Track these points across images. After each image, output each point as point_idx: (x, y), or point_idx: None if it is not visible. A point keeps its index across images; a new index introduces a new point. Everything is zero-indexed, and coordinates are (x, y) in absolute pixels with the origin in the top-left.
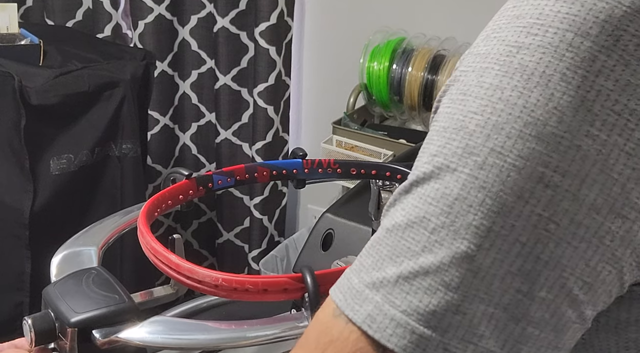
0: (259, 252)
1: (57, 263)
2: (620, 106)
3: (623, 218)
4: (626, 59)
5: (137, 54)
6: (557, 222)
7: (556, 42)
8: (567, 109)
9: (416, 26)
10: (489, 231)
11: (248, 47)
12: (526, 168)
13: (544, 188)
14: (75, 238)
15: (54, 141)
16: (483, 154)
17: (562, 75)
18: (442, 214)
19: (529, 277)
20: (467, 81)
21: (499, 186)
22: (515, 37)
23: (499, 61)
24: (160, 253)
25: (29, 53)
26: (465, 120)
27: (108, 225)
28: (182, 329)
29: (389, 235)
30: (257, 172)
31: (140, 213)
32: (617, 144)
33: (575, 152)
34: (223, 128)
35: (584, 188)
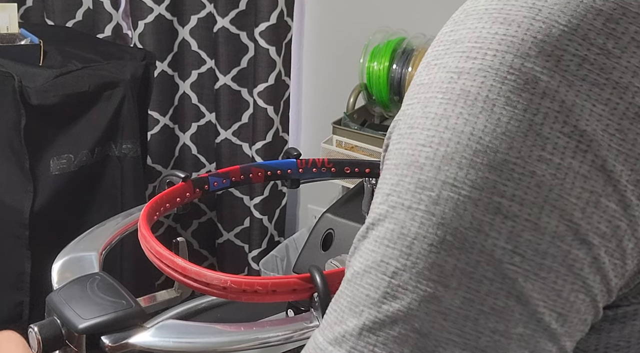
0: (259, 252)
1: (58, 270)
2: (570, 128)
3: (588, 244)
4: (569, 79)
5: (137, 54)
6: (522, 254)
7: (496, 65)
8: (516, 134)
9: (416, 26)
10: (455, 269)
11: (248, 47)
12: (482, 199)
13: (503, 219)
14: (74, 243)
15: (54, 141)
16: (436, 187)
17: (507, 99)
18: (402, 256)
19: (503, 316)
20: (413, 113)
21: (457, 221)
22: (455, 63)
23: (441, 89)
24: (166, 257)
25: (29, 53)
26: (415, 153)
27: (107, 230)
28: (193, 332)
29: (348, 285)
30: (251, 173)
31: (141, 218)
32: (571, 167)
33: (529, 178)
34: (223, 128)
35: (544, 216)
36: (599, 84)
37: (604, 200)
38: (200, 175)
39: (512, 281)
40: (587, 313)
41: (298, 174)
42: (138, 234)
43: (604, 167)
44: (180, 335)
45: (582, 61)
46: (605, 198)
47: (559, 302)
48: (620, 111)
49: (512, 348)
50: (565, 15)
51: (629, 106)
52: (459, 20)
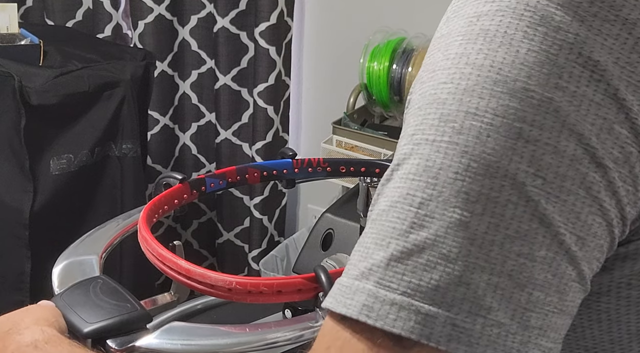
0: (259, 252)
1: (59, 274)
2: (584, 58)
3: (604, 168)
4: (582, 15)
5: (137, 54)
6: (543, 177)
7: (514, 4)
8: (534, 64)
9: (416, 26)
10: (480, 195)
11: (248, 47)
12: (504, 125)
13: (525, 143)
14: (74, 247)
15: (54, 141)
16: (459, 118)
17: (524, 33)
18: (428, 187)
19: (527, 238)
20: (434, 61)
21: (480, 148)
22: (474, 9)
23: (460, 33)
24: (169, 259)
25: (29, 53)
26: (437, 92)
27: (106, 232)
28: (200, 334)
29: (372, 224)
30: (247, 173)
31: (141, 220)
32: (586, 94)
33: (548, 104)
34: (223, 128)
35: (562, 140)
36: (610, 20)
37: (617, 127)
38: (197, 177)
39: (535, 203)
40: (603, 239)
41: (294, 173)
42: (138, 236)
43: (616, 96)
44: (188, 337)
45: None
46: (618, 125)
47: (578, 224)
48: (630, 45)
49: (536, 271)
50: None
51: (637, 41)
52: None
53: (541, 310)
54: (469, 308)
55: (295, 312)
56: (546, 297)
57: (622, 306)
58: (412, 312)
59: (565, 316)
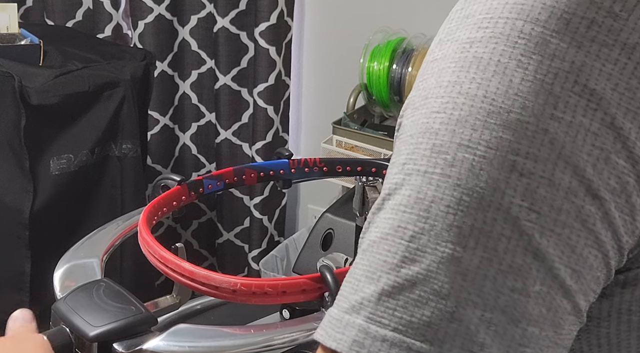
0: (259, 252)
1: (60, 278)
2: (580, 87)
3: (600, 199)
4: (578, 40)
5: (137, 54)
6: (538, 210)
7: (507, 31)
8: (528, 94)
9: (416, 26)
10: (472, 229)
11: (248, 47)
12: (497, 158)
13: (519, 176)
14: (75, 250)
15: (54, 141)
16: (452, 150)
17: (518, 62)
18: (420, 220)
19: (521, 273)
20: (427, 86)
21: (473, 181)
22: (467, 34)
23: (454, 59)
24: (172, 261)
25: (29, 53)
26: (429, 121)
27: (106, 235)
28: (206, 336)
29: (363, 255)
30: (245, 174)
31: (141, 222)
32: (582, 124)
33: (543, 136)
34: (223, 128)
35: (557, 173)
36: (608, 45)
37: (614, 157)
38: (195, 178)
39: (529, 237)
40: (599, 271)
41: (290, 174)
42: (139, 239)
43: (613, 125)
44: (194, 339)
45: (590, 23)
46: (614, 155)
47: (573, 257)
48: (629, 70)
49: (530, 306)
50: None
51: (636, 66)
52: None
53: (536, 345)
54: (462, 344)
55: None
56: (541, 331)
57: (623, 331)
58: (404, 349)
59: (561, 349)
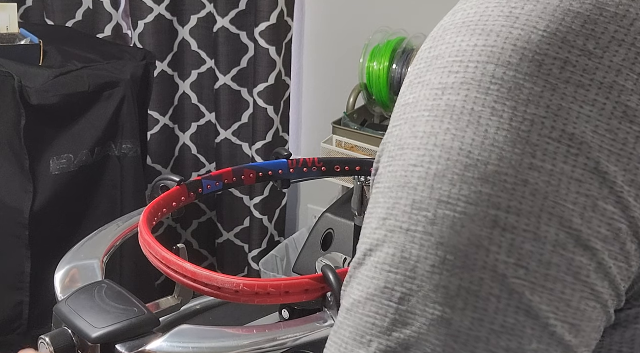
0: (259, 252)
1: (61, 279)
2: (558, 132)
3: (592, 250)
4: (553, 83)
5: (137, 54)
6: (526, 267)
7: (479, 77)
8: (504, 144)
9: (416, 26)
10: (460, 289)
11: (248, 47)
12: (478, 214)
13: (502, 232)
14: (75, 251)
15: (54, 141)
16: (432, 207)
17: (492, 110)
18: (407, 281)
19: (515, 333)
20: (402, 134)
21: (456, 239)
22: (438, 79)
23: (427, 107)
24: (174, 262)
25: (29, 53)
26: (407, 174)
27: (107, 236)
28: (209, 337)
29: (348, 315)
30: (243, 174)
31: (142, 223)
32: (564, 172)
33: (523, 187)
34: (223, 128)
35: (542, 225)
36: (584, 85)
37: (602, 203)
38: (194, 179)
39: (519, 295)
40: (599, 321)
41: (289, 174)
42: (139, 240)
43: (597, 169)
44: (198, 340)
45: (564, 64)
46: (602, 201)
47: (570, 312)
48: (608, 111)
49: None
50: (544, 21)
51: (616, 105)
52: (438, 36)
53: None
54: None
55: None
56: None
57: None
58: None
59: None
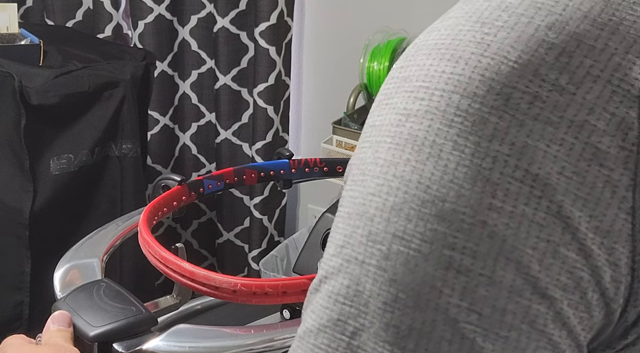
0: (259, 252)
1: (61, 278)
2: (521, 172)
3: (549, 298)
4: (519, 119)
5: (137, 54)
6: (479, 312)
7: (443, 107)
8: (464, 181)
9: (416, 26)
10: (411, 329)
11: (248, 47)
12: (432, 253)
13: (456, 274)
14: (75, 250)
15: (54, 141)
16: (387, 241)
17: (454, 144)
18: (360, 315)
19: None
20: (365, 158)
21: (409, 277)
22: (403, 104)
23: (390, 132)
24: (172, 262)
25: (29, 53)
26: (366, 203)
27: (107, 235)
28: (206, 336)
29: (300, 343)
30: (245, 174)
31: (141, 222)
32: (525, 214)
33: (481, 229)
34: (223, 128)
35: (498, 270)
36: (553, 123)
37: (563, 250)
38: (195, 179)
39: (470, 342)
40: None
41: (291, 174)
42: (139, 239)
43: (560, 214)
44: (195, 339)
45: (533, 99)
46: (564, 248)
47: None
48: (577, 152)
49: None
50: (515, 51)
51: (585, 146)
52: (410, 55)
53: None
54: None
55: (293, 313)
56: None
57: None
58: None
59: None
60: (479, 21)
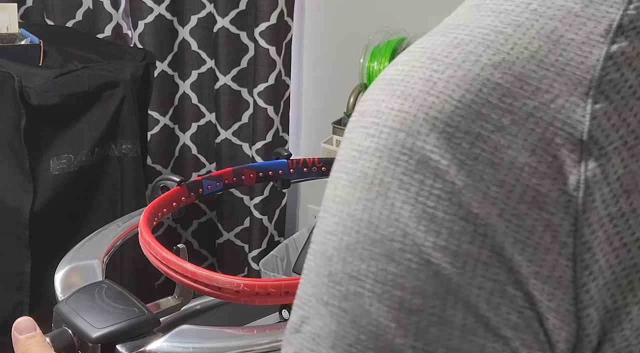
0: (259, 252)
1: (61, 279)
2: (464, 211)
3: (503, 338)
4: (460, 158)
5: (137, 54)
6: (433, 352)
7: (390, 144)
8: (409, 220)
9: (416, 26)
10: None
11: (248, 47)
12: (384, 293)
13: (408, 314)
14: (75, 251)
15: (54, 141)
16: (344, 282)
17: (400, 182)
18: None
19: None
20: (327, 194)
21: (366, 318)
22: (358, 140)
23: (346, 169)
24: (174, 262)
25: (29, 53)
26: (325, 242)
27: (107, 236)
28: (210, 337)
29: None
30: (244, 174)
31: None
32: (470, 253)
33: (427, 268)
34: (223, 128)
35: (448, 309)
36: (493, 164)
37: (510, 289)
38: (194, 179)
39: None
40: None
41: (289, 174)
42: (139, 240)
43: (502, 255)
44: (198, 340)
45: (475, 139)
46: (511, 287)
47: None
48: (517, 194)
49: None
50: (460, 90)
51: (525, 189)
52: (371, 88)
53: None
54: None
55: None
56: None
57: None
58: None
59: None
60: (431, 57)
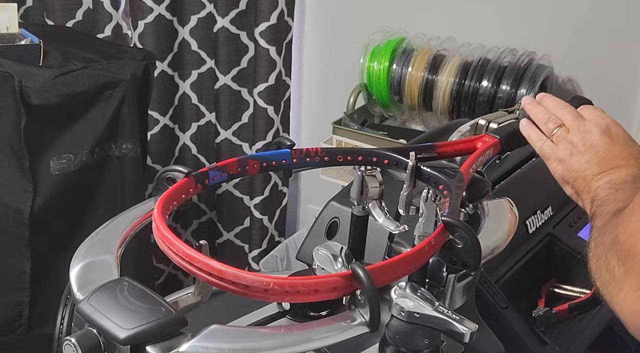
0: (259, 252)
1: (77, 276)
2: None
3: None
4: None
5: (137, 54)
6: None
7: None
8: None
9: (416, 26)
10: None
11: (248, 47)
12: None
13: None
14: (87, 247)
15: (54, 141)
16: None
17: None
18: None
19: None
20: None
21: None
22: None
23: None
24: (199, 259)
25: (29, 53)
26: None
27: (117, 229)
28: (242, 336)
29: None
30: (247, 165)
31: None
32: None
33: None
34: (223, 128)
35: None
36: None
37: None
38: (200, 170)
39: None
40: None
41: (292, 164)
42: (155, 235)
43: None
44: (232, 340)
45: None
46: None
47: None
48: None
49: None
50: None
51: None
52: None
53: None
54: None
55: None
56: None
57: None
58: None
59: None
60: None
